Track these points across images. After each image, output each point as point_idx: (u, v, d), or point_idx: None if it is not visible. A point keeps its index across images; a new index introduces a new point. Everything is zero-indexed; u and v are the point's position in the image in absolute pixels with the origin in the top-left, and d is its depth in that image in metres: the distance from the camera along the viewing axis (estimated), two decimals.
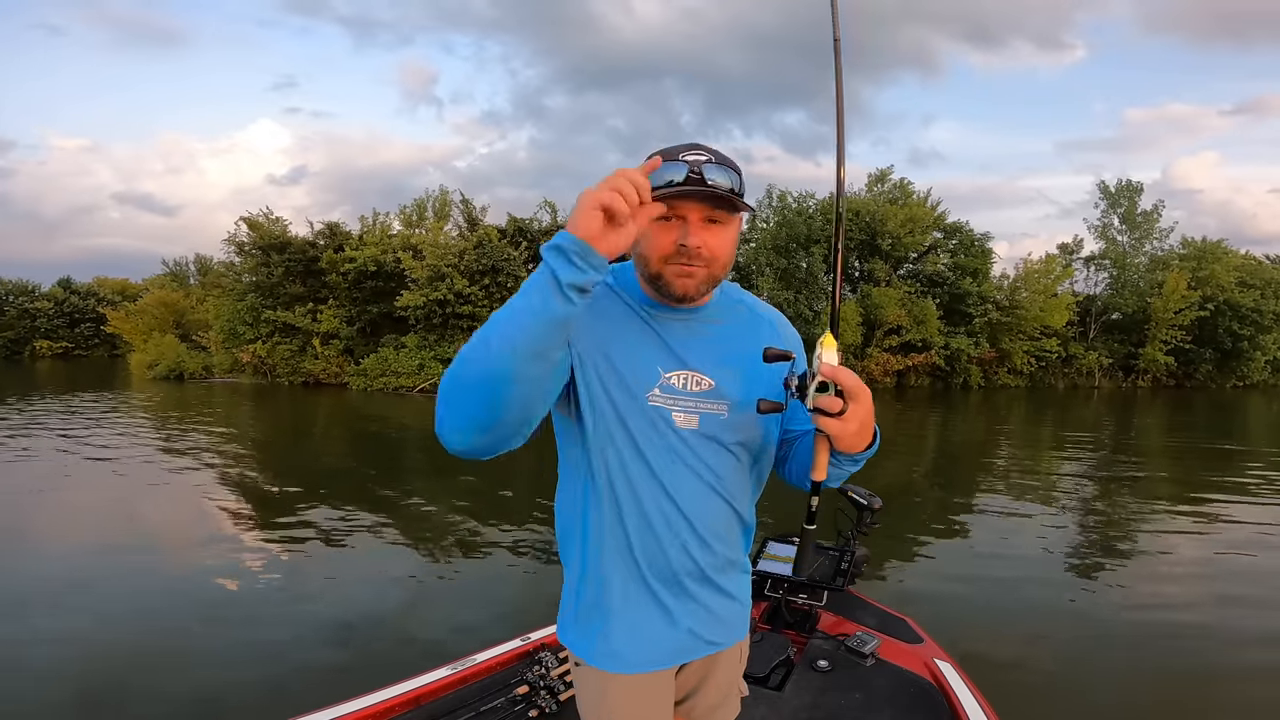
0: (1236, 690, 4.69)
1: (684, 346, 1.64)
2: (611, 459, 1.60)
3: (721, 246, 1.57)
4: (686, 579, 1.67)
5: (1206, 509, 9.87)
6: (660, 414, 1.59)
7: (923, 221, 37.54)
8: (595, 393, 1.58)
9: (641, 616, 1.66)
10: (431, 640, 5.17)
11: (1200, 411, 28.15)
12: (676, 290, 1.57)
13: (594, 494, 1.64)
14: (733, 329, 1.72)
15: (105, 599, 5.90)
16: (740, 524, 1.75)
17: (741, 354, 1.67)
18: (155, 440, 15.02)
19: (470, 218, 36.05)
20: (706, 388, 1.63)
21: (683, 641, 1.70)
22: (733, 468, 1.67)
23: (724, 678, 1.86)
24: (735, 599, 1.77)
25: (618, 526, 1.63)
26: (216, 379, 34.49)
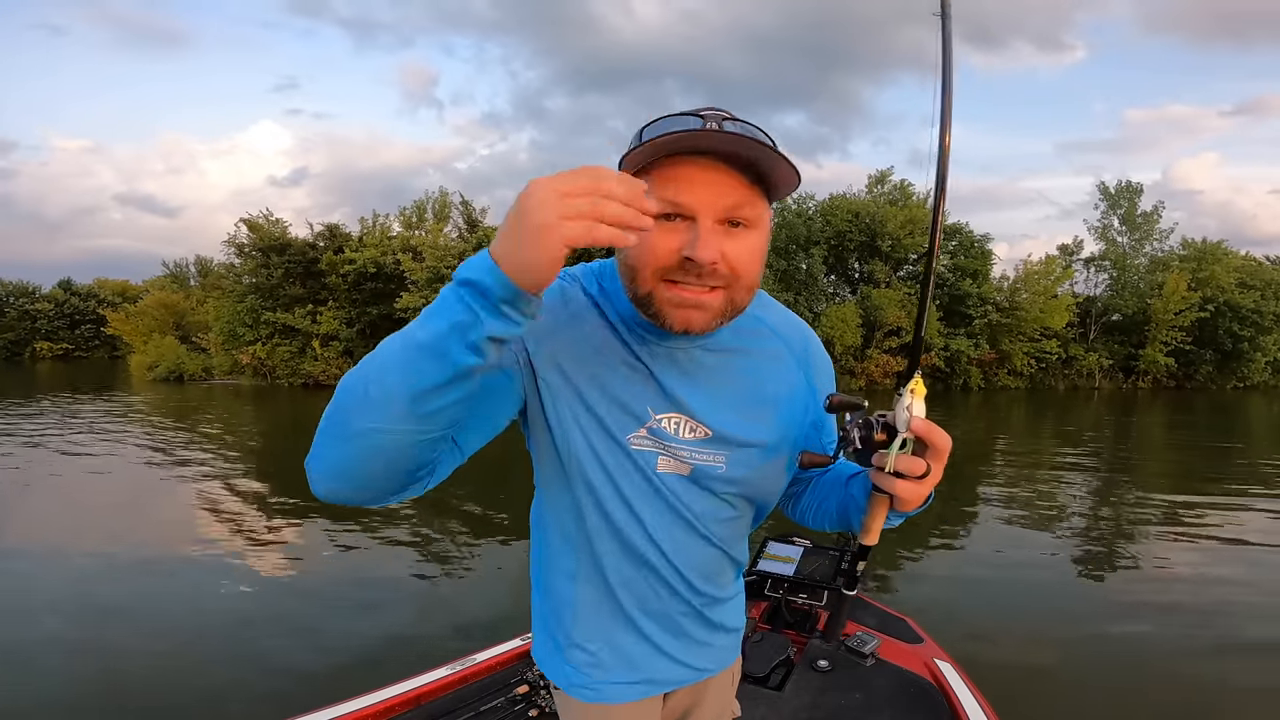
0: (1236, 690, 4.69)
1: (681, 384, 1.31)
2: (585, 496, 1.34)
3: (747, 258, 1.17)
4: (671, 615, 1.47)
5: (1207, 511, 9.87)
6: (643, 458, 1.31)
7: (923, 223, 37.49)
8: (567, 428, 1.29)
9: (621, 648, 1.47)
10: (431, 640, 5.17)
11: (1201, 413, 28.12)
12: (674, 325, 1.18)
13: (570, 521, 1.41)
14: (745, 361, 1.37)
15: (105, 600, 5.90)
16: (731, 564, 1.52)
17: (753, 393, 1.36)
18: (155, 442, 15.03)
19: (470, 219, 36.11)
20: (703, 436, 1.33)
21: (667, 671, 1.52)
22: (728, 517, 1.42)
23: (713, 705, 1.69)
24: (724, 628, 1.58)
25: (595, 562, 1.41)
26: (216, 381, 34.53)
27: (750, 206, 1.13)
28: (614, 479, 1.32)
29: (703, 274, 1.12)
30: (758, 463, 1.37)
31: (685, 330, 1.18)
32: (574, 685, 1.49)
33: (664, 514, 1.36)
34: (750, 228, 1.15)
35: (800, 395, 1.42)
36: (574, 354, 1.26)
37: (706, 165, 1.09)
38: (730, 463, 1.34)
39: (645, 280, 1.16)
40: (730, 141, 1.06)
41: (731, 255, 1.13)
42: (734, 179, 1.11)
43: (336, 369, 32.29)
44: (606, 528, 1.36)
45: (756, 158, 1.08)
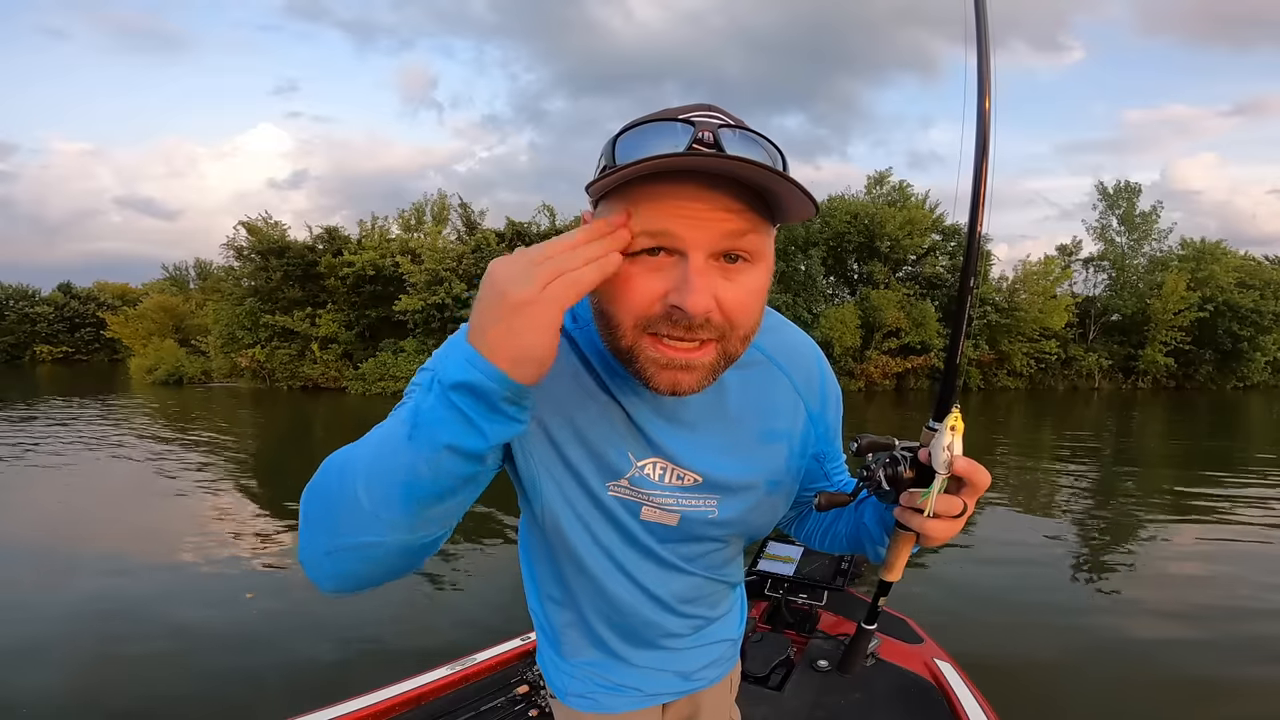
0: (1235, 691, 4.69)
1: (663, 427, 1.16)
2: (560, 546, 1.26)
3: (747, 303, 0.97)
4: (660, 642, 1.41)
5: (1207, 511, 9.86)
6: (626, 507, 1.20)
7: (921, 224, 37.55)
8: (540, 479, 1.16)
9: (616, 666, 1.42)
10: (431, 640, 5.17)
11: (1201, 413, 28.12)
12: (659, 388, 0.99)
13: (551, 566, 1.37)
14: (737, 396, 1.21)
15: (103, 601, 5.90)
16: (725, 588, 1.46)
17: (746, 432, 1.22)
18: (152, 445, 15.01)
19: (468, 222, 36.04)
20: (691, 483, 1.20)
21: (662, 683, 1.47)
22: (722, 557, 1.36)
23: (712, 712, 1.62)
24: (721, 642, 1.53)
25: (577, 600, 1.36)
26: (215, 384, 34.50)
27: (752, 235, 0.92)
28: (593, 532, 1.22)
29: (692, 325, 0.93)
30: (752, 503, 1.26)
31: (673, 393, 0.99)
32: (571, 694, 1.45)
33: (647, 559, 1.28)
34: (752, 263, 0.95)
35: (800, 429, 1.28)
36: (546, 398, 1.10)
37: (699, 185, 0.89)
38: (722, 507, 1.23)
39: (625, 334, 0.96)
40: (728, 166, 0.87)
41: (728, 302, 0.93)
42: (733, 202, 0.90)
43: (335, 372, 32.27)
44: (587, 577, 1.28)
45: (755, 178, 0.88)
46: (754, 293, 0.96)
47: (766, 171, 0.85)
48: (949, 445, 1.00)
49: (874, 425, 21.81)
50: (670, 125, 0.89)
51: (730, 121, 0.93)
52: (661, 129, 0.90)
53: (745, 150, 0.88)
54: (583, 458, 1.14)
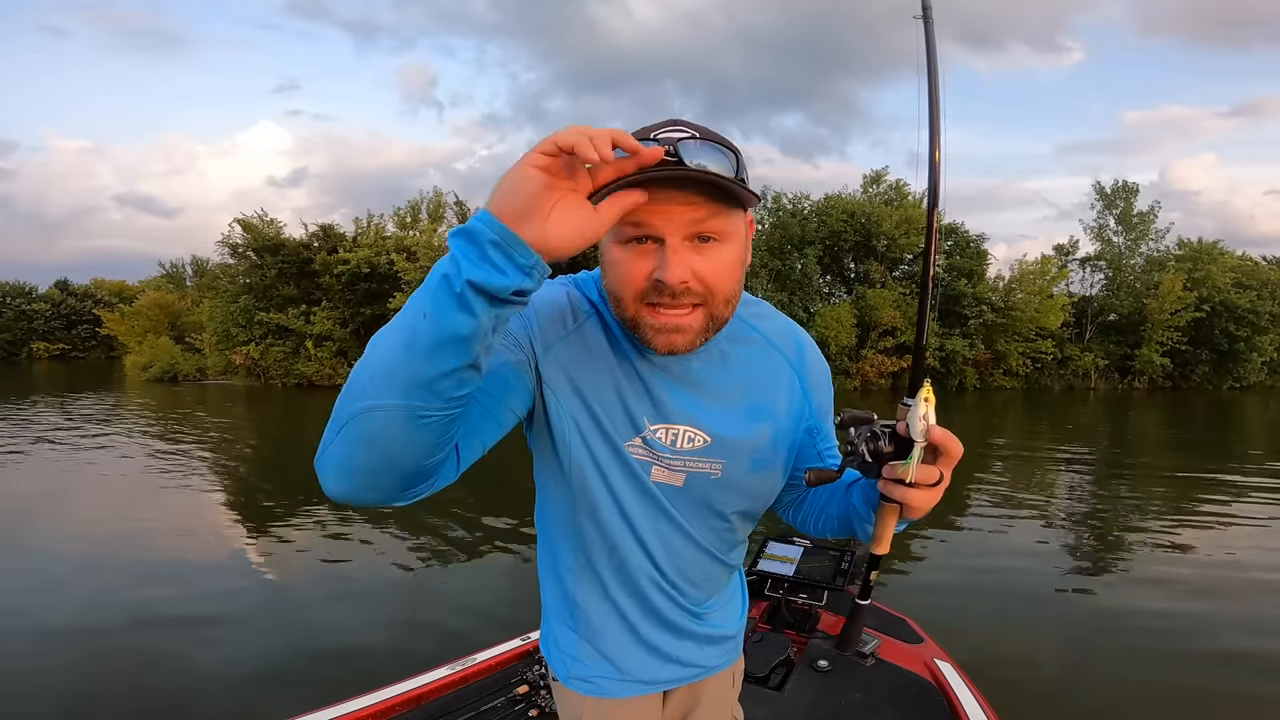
0: (1234, 691, 4.69)
1: (676, 394, 1.33)
2: (581, 500, 1.37)
3: (720, 272, 1.16)
4: (665, 616, 1.51)
5: (1205, 511, 9.87)
6: (638, 468, 1.34)
7: (918, 223, 37.51)
8: (568, 431, 1.31)
9: (617, 646, 1.52)
10: (431, 640, 5.16)
11: (1197, 413, 28.18)
12: (659, 349, 1.20)
13: (568, 525, 1.45)
14: (743, 369, 1.39)
15: (101, 602, 5.89)
16: (726, 569, 1.56)
17: (747, 401, 1.38)
18: (146, 443, 14.99)
19: (464, 219, 35.98)
20: (699, 445, 1.34)
21: (661, 669, 1.56)
22: (723, 527, 1.46)
23: (714, 707, 1.71)
24: (721, 630, 1.63)
25: (591, 564, 1.46)
26: (210, 381, 34.48)
27: (717, 219, 1.12)
28: (609, 483, 1.34)
29: (676, 295, 1.13)
30: (753, 469, 1.39)
31: (670, 353, 1.20)
32: (571, 677, 1.54)
33: (657, 520, 1.39)
34: (721, 241, 1.14)
35: (795, 403, 1.43)
36: (578, 360, 1.28)
37: (667, 187, 1.06)
38: (726, 470, 1.37)
39: (628, 306, 1.18)
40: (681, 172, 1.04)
41: (702, 272, 1.14)
42: (694, 197, 1.09)
43: (330, 369, 32.28)
44: (600, 532, 1.39)
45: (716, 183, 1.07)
46: (726, 264, 1.16)
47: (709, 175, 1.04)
48: (924, 415, 1.09)
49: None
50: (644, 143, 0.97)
51: (691, 134, 1.11)
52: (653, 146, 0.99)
53: (702, 156, 1.06)
54: (608, 415, 1.30)
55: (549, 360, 1.27)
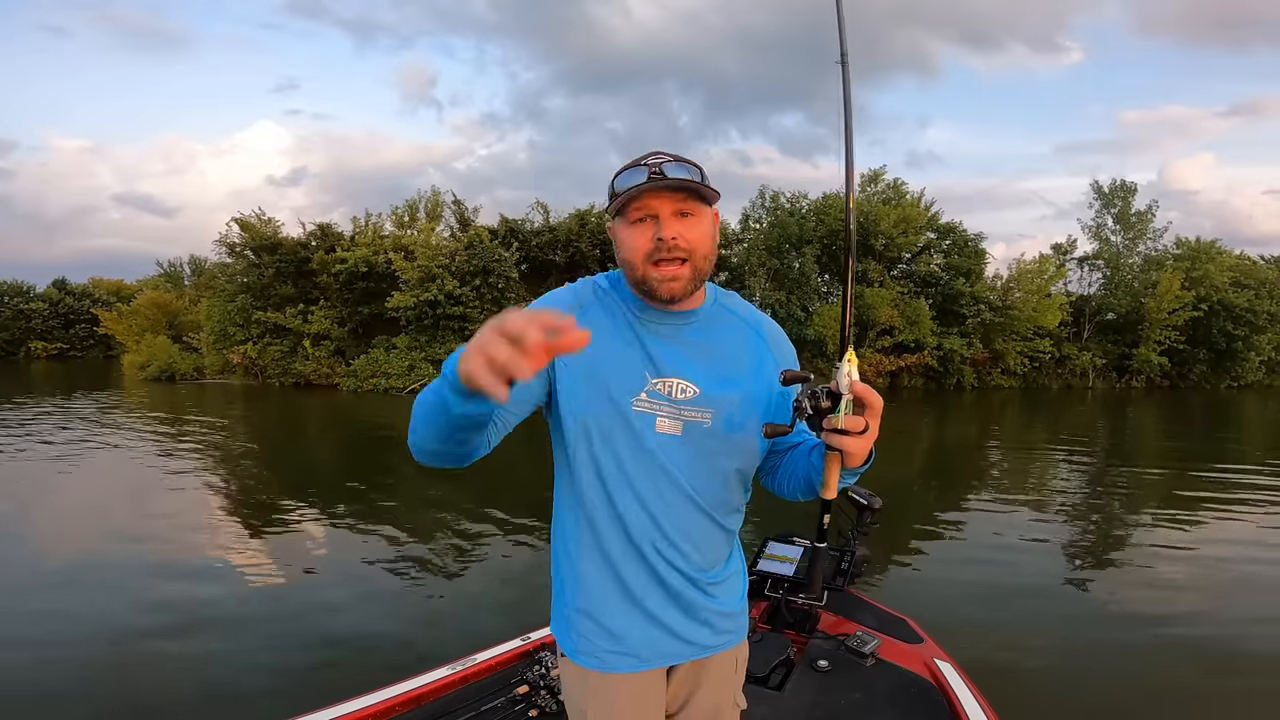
0: (1233, 691, 4.69)
1: (672, 354, 1.64)
2: (587, 464, 1.63)
3: (698, 238, 1.59)
4: (667, 583, 1.68)
5: (1203, 510, 9.89)
6: (644, 420, 1.60)
7: (916, 222, 37.53)
8: (578, 398, 1.61)
9: (621, 618, 1.69)
10: (431, 640, 5.16)
11: (1195, 412, 28.19)
12: (662, 294, 1.58)
13: (575, 496, 1.68)
14: (722, 338, 1.71)
15: (97, 602, 5.87)
16: (723, 534, 1.73)
17: (731, 363, 1.69)
18: (143, 442, 14.98)
19: (462, 218, 36.01)
20: (691, 395, 1.63)
21: (663, 644, 1.71)
22: (715, 478, 1.67)
23: (716, 689, 1.83)
24: (721, 606, 1.76)
25: (597, 529, 1.66)
26: (207, 380, 34.42)
27: (691, 203, 1.57)
28: (612, 441, 1.61)
29: (670, 249, 1.54)
30: (738, 418, 1.65)
31: (671, 296, 1.58)
32: (577, 651, 1.72)
33: (658, 477, 1.62)
34: (696, 217, 1.58)
35: (766, 366, 1.73)
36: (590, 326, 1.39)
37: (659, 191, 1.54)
38: (715, 420, 1.63)
39: (638, 267, 1.58)
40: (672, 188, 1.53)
41: (686, 234, 1.56)
42: (677, 194, 1.55)
43: (327, 369, 32.20)
44: (605, 494, 1.63)
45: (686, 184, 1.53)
46: (702, 231, 1.59)
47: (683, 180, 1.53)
48: (849, 374, 1.38)
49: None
50: (638, 168, 1.56)
51: (671, 157, 1.58)
52: (635, 170, 1.56)
53: (677, 171, 1.55)
54: (614, 374, 1.61)
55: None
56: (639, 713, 1.74)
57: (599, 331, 1.51)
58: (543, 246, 34.88)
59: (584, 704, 1.75)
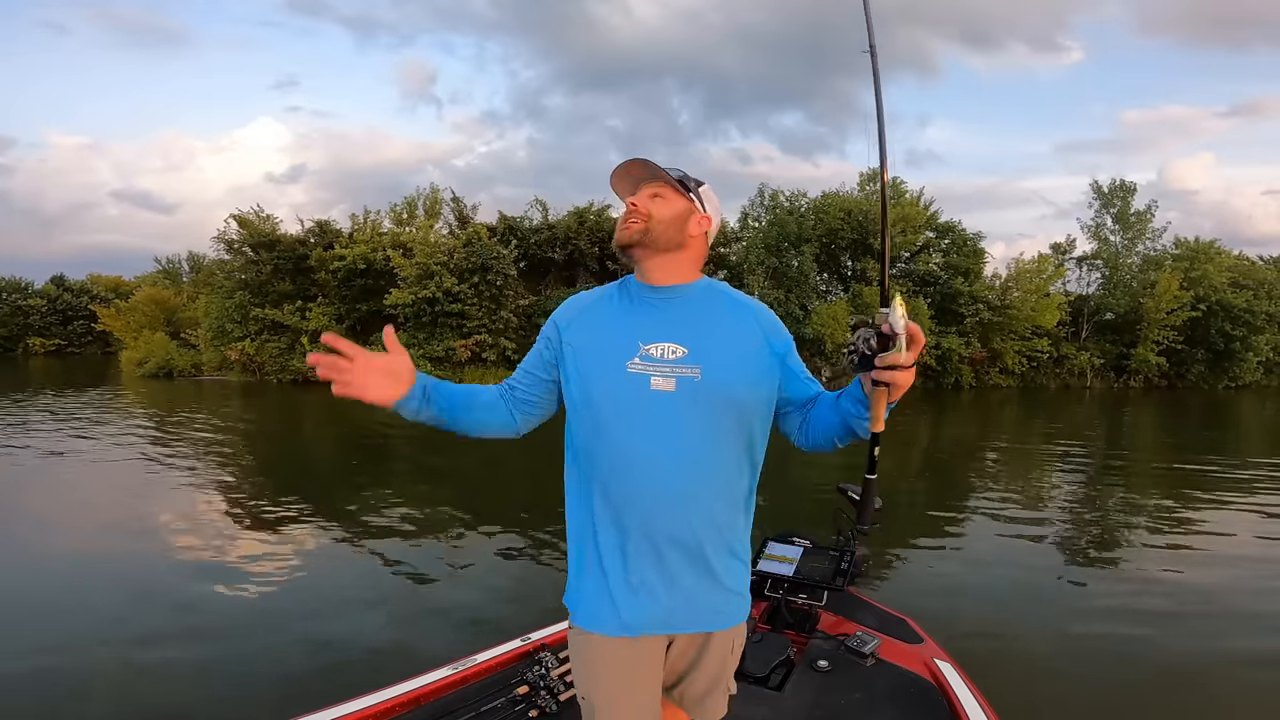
0: (1234, 689, 4.69)
1: (663, 322, 1.84)
2: (590, 431, 1.83)
3: (661, 212, 1.85)
4: (668, 550, 1.79)
5: (1201, 509, 9.92)
6: (639, 380, 1.78)
7: (915, 221, 37.52)
8: (581, 370, 1.86)
9: (621, 582, 1.81)
10: (431, 640, 5.15)
11: (1193, 412, 28.22)
12: (618, 239, 1.88)
13: (581, 465, 1.87)
14: (711, 310, 1.89)
15: (94, 603, 5.86)
16: (725, 503, 1.86)
17: (717, 328, 1.85)
18: (140, 439, 14.97)
19: (460, 215, 36.01)
20: (681, 355, 1.79)
21: (659, 613, 1.81)
22: (710, 432, 1.79)
23: (712, 667, 1.94)
24: (722, 582, 1.86)
25: (602, 495, 1.82)
26: (205, 377, 34.39)
27: (654, 185, 1.88)
28: (612, 401, 1.80)
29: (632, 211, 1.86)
30: (725, 375, 1.79)
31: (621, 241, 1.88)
32: (575, 613, 1.89)
33: (657, 428, 1.77)
34: (666, 199, 1.86)
35: (756, 336, 1.88)
36: (587, 320, 1.92)
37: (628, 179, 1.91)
38: (705, 374, 1.78)
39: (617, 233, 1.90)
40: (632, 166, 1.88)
41: (649, 205, 1.86)
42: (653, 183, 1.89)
43: None
44: (609, 451, 1.80)
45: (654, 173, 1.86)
46: (669, 209, 1.86)
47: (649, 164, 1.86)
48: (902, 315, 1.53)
49: None
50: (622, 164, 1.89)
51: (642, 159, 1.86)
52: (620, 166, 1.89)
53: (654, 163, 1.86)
54: (612, 342, 1.84)
55: (570, 330, 1.91)
56: (629, 678, 1.86)
57: (602, 314, 1.92)
58: (541, 244, 34.90)
59: (579, 664, 1.92)
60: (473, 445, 15.97)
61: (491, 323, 31.70)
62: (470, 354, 31.50)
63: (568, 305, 1.99)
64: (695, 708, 2.00)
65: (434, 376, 1.88)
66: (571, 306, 1.98)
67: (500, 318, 31.87)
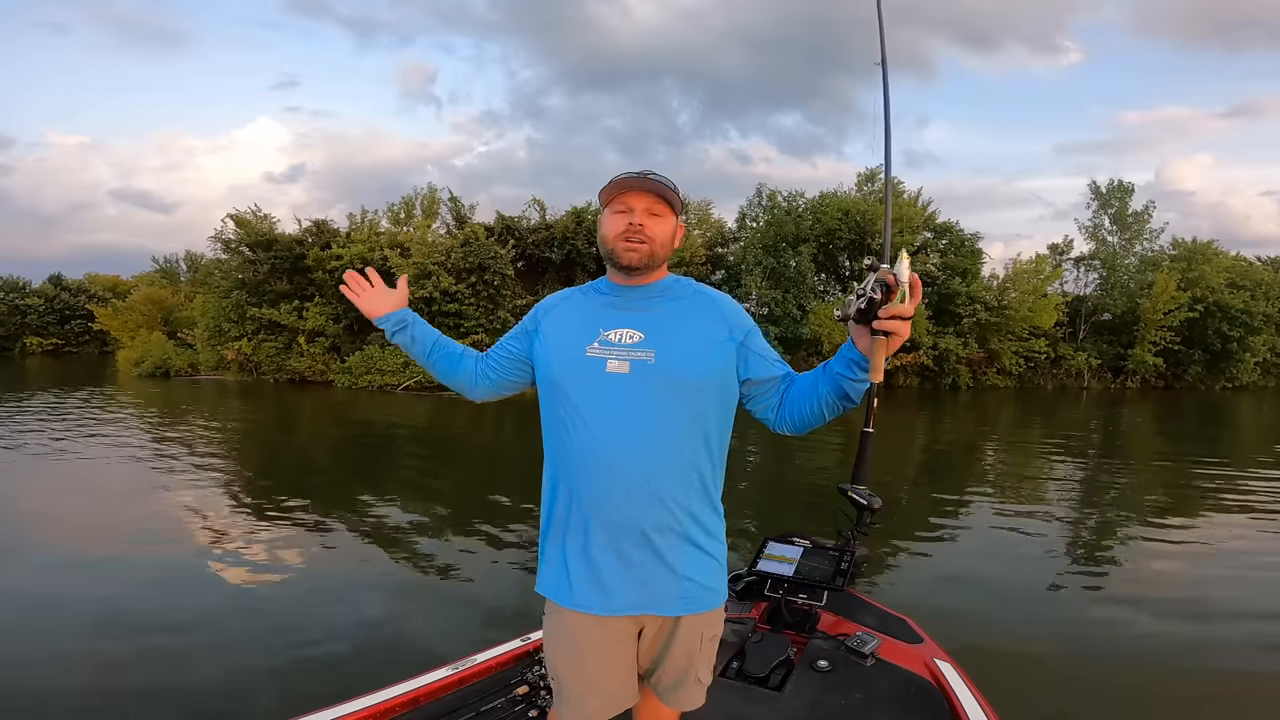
0: (1232, 690, 4.69)
1: (624, 314, 2.00)
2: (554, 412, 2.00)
3: (661, 233, 1.98)
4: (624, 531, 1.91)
5: (1200, 508, 9.94)
6: (596, 364, 1.93)
7: (912, 221, 37.53)
8: (548, 355, 2.04)
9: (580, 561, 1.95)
10: (431, 640, 5.14)
11: (1190, 413, 28.26)
12: (623, 260, 1.97)
13: (551, 446, 2.03)
14: (673, 303, 2.03)
15: (92, 603, 5.83)
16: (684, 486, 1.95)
17: (674, 316, 2.00)
18: (136, 439, 14.95)
19: (458, 215, 36.03)
20: (636, 340, 1.94)
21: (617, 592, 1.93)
22: (663, 414, 1.91)
23: (681, 656, 2.03)
24: (675, 568, 1.94)
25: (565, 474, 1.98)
26: (202, 376, 34.31)
27: (659, 206, 1.98)
28: (572, 382, 1.95)
29: (636, 233, 1.94)
30: (677, 359, 1.92)
31: (630, 264, 1.97)
32: (542, 583, 2.05)
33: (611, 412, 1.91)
34: (662, 219, 1.99)
35: (714, 323, 2.01)
36: (564, 314, 2.11)
37: (639, 192, 1.96)
38: (658, 358, 1.92)
39: (610, 241, 1.99)
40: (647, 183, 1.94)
41: (652, 227, 1.96)
42: (650, 196, 1.96)
43: (322, 365, 32.18)
44: (570, 437, 1.95)
45: (661, 190, 1.95)
46: (665, 230, 2.00)
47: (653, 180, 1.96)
48: (907, 267, 1.66)
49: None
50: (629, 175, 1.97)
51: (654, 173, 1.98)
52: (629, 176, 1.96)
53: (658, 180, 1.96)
54: (576, 330, 2.01)
55: (546, 321, 2.11)
56: (592, 655, 1.99)
57: (574, 310, 2.10)
58: (539, 244, 34.89)
59: (548, 641, 2.08)
60: (472, 445, 15.99)
61: (489, 322, 31.64)
62: None
63: (551, 298, 2.20)
64: (668, 696, 2.09)
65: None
66: (553, 299, 2.19)
67: (497, 317, 31.80)
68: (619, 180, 1.97)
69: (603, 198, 2.02)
